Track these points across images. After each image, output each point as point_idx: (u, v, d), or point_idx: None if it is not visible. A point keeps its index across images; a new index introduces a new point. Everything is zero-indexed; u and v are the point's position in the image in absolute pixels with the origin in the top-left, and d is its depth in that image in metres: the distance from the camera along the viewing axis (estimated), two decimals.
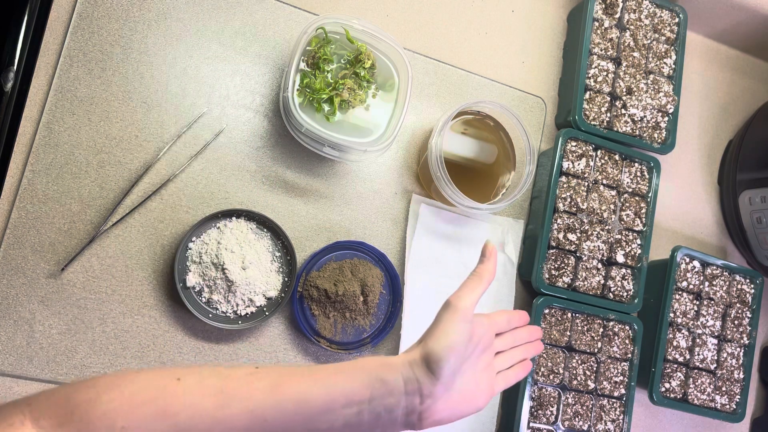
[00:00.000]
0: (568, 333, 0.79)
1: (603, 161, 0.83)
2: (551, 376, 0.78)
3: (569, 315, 0.80)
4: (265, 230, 0.74)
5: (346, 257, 0.76)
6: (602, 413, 0.79)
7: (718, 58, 0.99)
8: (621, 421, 0.80)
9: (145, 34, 0.73)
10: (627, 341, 0.81)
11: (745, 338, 0.87)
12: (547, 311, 0.79)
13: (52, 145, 0.69)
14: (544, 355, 0.78)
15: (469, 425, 0.78)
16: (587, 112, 0.83)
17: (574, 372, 0.79)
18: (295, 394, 0.47)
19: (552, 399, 0.78)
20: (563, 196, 0.80)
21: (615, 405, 0.80)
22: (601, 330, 0.81)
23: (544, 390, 0.78)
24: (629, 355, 0.81)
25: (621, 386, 0.80)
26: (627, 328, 0.82)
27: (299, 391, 0.47)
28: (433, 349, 0.51)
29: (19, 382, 0.66)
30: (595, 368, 0.80)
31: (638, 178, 0.84)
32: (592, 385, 0.79)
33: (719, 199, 0.96)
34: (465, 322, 0.52)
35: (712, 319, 0.85)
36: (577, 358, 0.79)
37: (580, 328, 0.80)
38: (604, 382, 0.80)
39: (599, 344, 0.80)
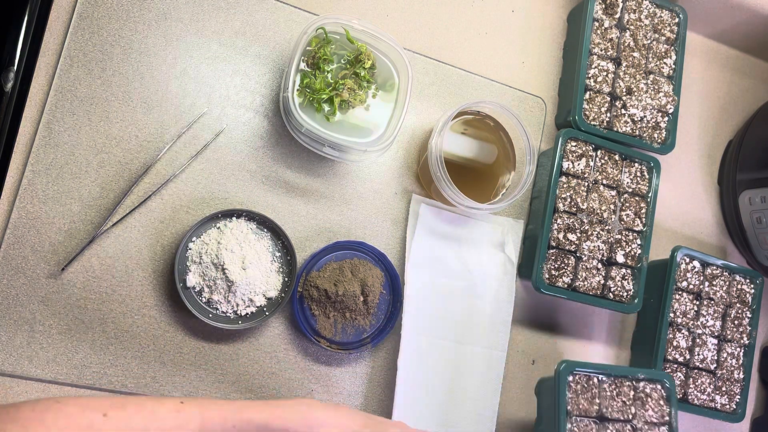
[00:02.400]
0: (597, 400, 0.74)
1: (603, 161, 0.83)
2: None
3: (595, 380, 0.74)
4: (265, 230, 0.74)
5: (346, 257, 0.76)
6: None
7: (718, 58, 0.99)
8: None
9: (145, 34, 0.73)
10: (661, 402, 0.76)
11: (745, 338, 0.87)
12: (571, 378, 0.73)
13: (52, 145, 0.69)
14: (576, 428, 0.72)
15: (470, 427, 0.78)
16: (587, 112, 0.83)
17: None
18: None
19: None
20: (563, 196, 0.80)
21: None
22: (632, 393, 0.75)
23: None
24: (666, 418, 0.75)
25: None
26: (659, 387, 0.76)
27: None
28: None
29: (19, 382, 0.66)
30: None
31: (638, 178, 0.84)
32: None
33: (719, 199, 0.96)
34: None
35: (712, 319, 0.85)
36: (611, 428, 0.73)
37: (608, 393, 0.74)
38: None
39: (632, 409, 0.74)
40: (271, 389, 0.74)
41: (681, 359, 0.84)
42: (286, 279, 0.73)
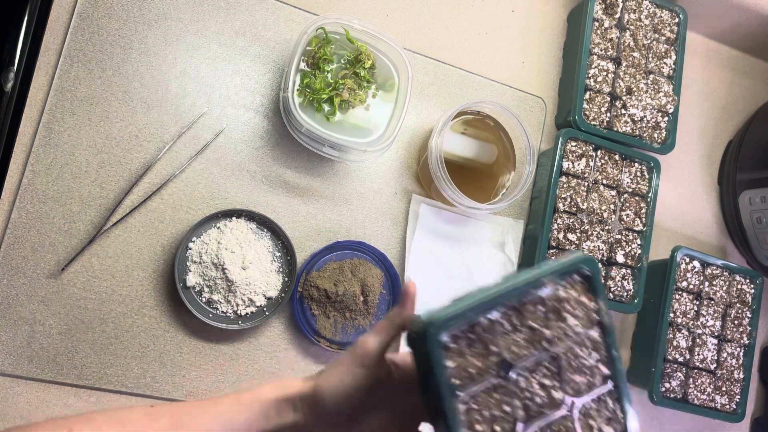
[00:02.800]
0: (493, 347, 0.46)
1: (603, 161, 0.83)
2: None
3: (483, 321, 0.46)
4: (265, 230, 0.74)
5: (346, 257, 0.76)
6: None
7: (718, 58, 0.99)
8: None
9: (145, 34, 0.73)
10: (583, 299, 0.49)
11: (745, 338, 0.87)
12: (447, 338, 0.45)
13: (52, 145, 0.69)
14: (474, 404, 0.45)
15: None
16: (587, 112, 0.83)
17: None
18: None
19: None
20: (563, 196, 0.80)
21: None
22: (541, 309, 0.48)
23: None
24: (595, 317, 0.49)
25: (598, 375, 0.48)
26: (576, 278, 0.49)
27: (198, 430, 0.46)
28: (319, 389, 0.48)
29: (19, 382, 0.66)
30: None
31: (638, 178, 0.84)
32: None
33: (719, 199, 0.96)
34: (361, 367, 0.48)
35: (712, 319, 0.85)
36: (521, 378, 0.47)
37: (507, 326, 0.47)
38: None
39: (547, 331, 0.47)
40: None
41: (681, 359, 0.84)
42: (286, 279, 0.73)
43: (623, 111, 0.84)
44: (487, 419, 0.45)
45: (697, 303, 0.85)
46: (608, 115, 0.84)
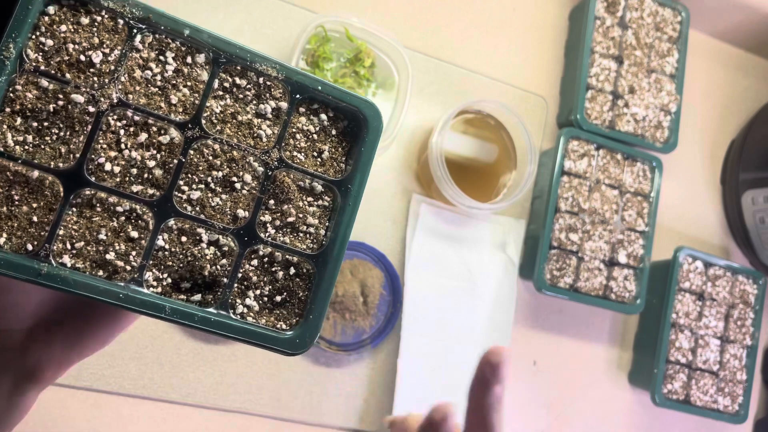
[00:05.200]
0: None
1: (605, 161, 0.82)
2: None
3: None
4: None
5: (345, 257, 0.75)
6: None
7: (721, 57, 0.99)
8: None
9: None
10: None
11: (748, 339, 0.86)
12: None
13: None
14: None
15: None
16: (589, 111, 0.82)
17: None
18: None
19: None
20: (565, 195, 0.80)
21: None
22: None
23: None
24: None
25: None
26: None
27: None
28: None
29: None
30: None
31: (640, 178, 0.83)
32: None
33: (722, 198, 0.96)
34: None
35: (714, 319, 0.85)
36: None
37: None
38: None
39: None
40: (269, 390, 0.73)
41: (683, 360, 0.83)
42: None
43: (625, 110, 0.83)
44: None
45: (700, 304, 0.85)
46: (610, 114, 0.83)
